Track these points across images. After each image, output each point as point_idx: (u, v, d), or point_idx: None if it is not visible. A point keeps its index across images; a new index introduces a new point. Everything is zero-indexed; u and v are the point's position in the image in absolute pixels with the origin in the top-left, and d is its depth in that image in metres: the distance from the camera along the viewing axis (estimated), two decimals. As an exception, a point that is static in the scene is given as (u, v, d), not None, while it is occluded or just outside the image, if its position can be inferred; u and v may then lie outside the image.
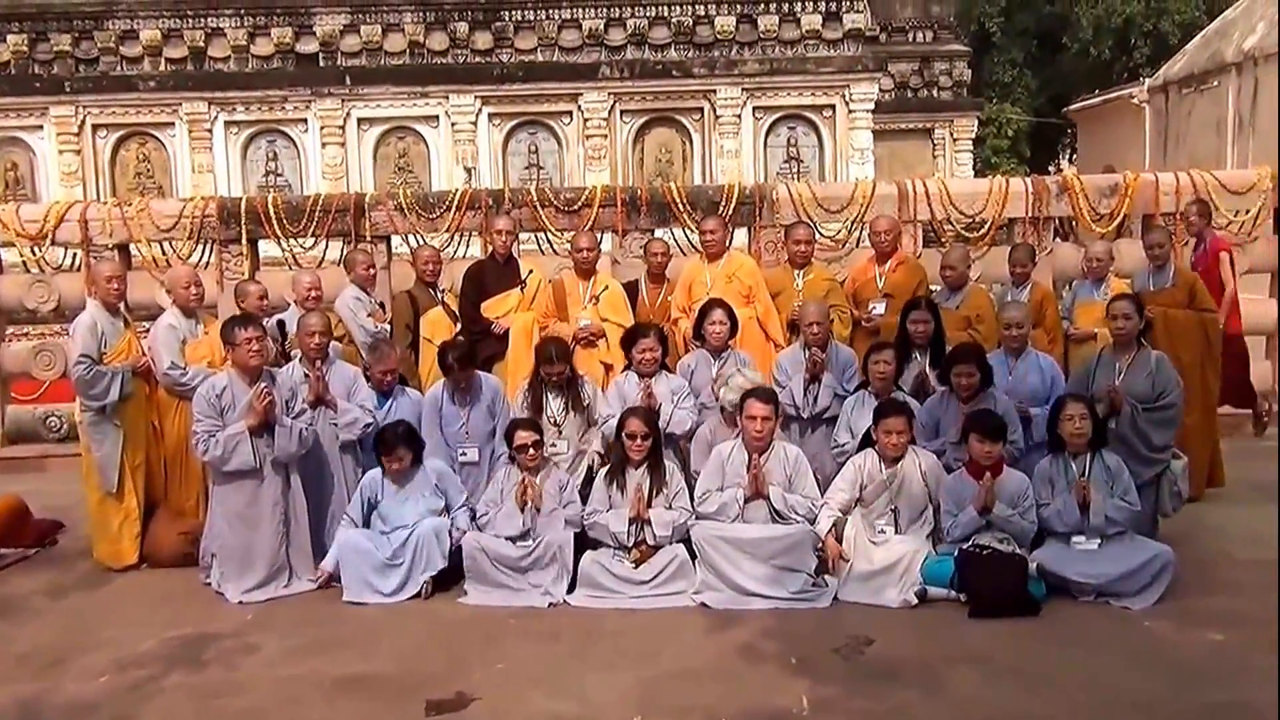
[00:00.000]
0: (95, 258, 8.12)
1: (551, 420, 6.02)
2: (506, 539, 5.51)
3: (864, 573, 5.29)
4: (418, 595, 5.41)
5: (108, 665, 4.71)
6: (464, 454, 6.08)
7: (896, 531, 5.45)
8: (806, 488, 5.56)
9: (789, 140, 13.50)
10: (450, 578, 5.51)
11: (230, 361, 5.70)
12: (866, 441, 5.70)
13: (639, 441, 5.54)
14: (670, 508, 5.54)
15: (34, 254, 8.81)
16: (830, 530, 5.40)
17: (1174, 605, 5.05)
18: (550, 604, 5.31)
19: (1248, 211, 8.62)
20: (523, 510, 5.53)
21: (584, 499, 5.72)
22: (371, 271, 7.30)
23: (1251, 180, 8.71)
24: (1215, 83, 18.64)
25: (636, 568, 5.39)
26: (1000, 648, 4.66)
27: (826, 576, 5.36)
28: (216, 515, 5.71)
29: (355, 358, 6.92)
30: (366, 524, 5.66)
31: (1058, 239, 8.95)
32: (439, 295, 7.32)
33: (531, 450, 5.59)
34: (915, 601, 5.16)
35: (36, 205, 10.19)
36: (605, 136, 13.25)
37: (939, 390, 6.09)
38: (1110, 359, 6.02)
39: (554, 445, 5.94)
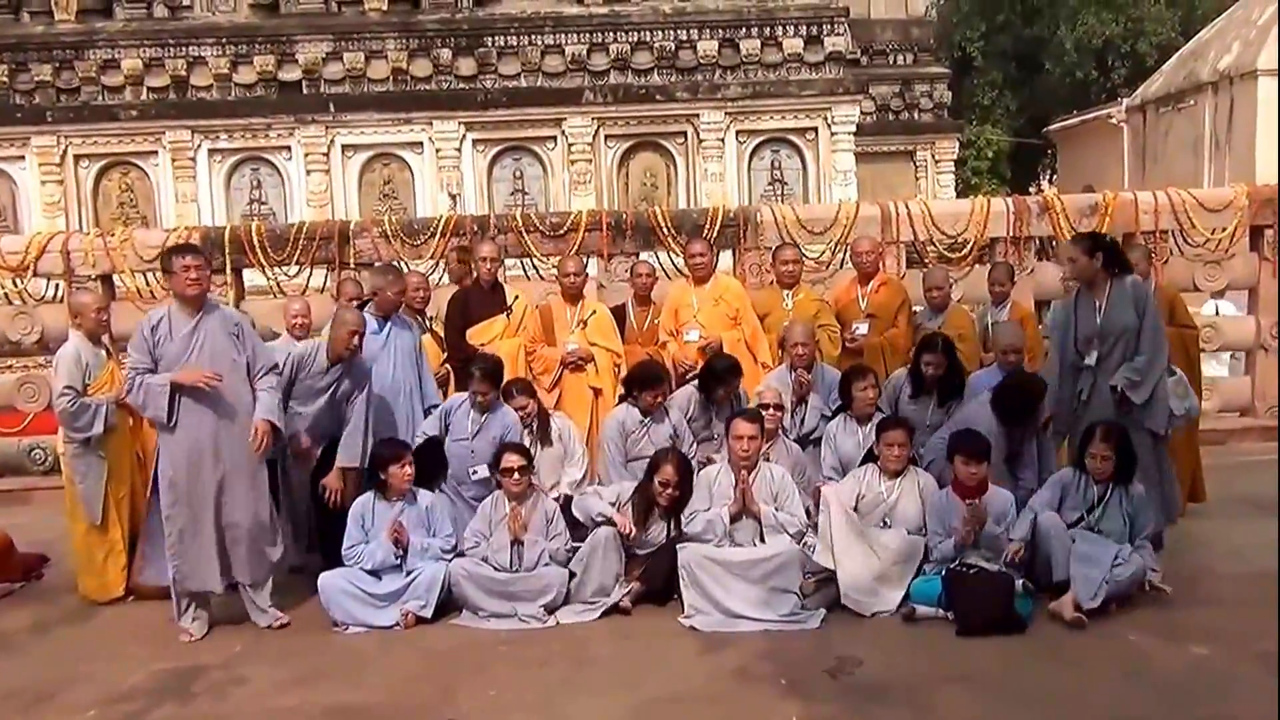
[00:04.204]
0: (77, 288, 8.08)
1: None
2: (494, 567, 5.49)
3: (857, 576, 5.30)
4: (396, 624, 5.37)
5: (95, 700, 4.67)
6: (474, 472, 6.05)
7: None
8: (793, 507, 5.58)
9: (772, 163, 13.59)
10: (439, 609, 5.49)
11: (170, 294, 5.45)
12: (869, 456, 5.76)
13: (670, 490, 5.51)
14: None
15: (16, 285, 8.78)
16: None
17: (1159, 620, 5.07)
18: (541, 625, 5.33)
19: (1224, 229, 8.72)
20: (511, 546, 5.51)
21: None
22: (354, 302, 7.27)
23: (1228, 198, 8.82)
24: (1191, 102, 18.87)
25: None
26: (988, 666, 4.68)
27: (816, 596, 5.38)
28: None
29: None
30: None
31: (1039, 258, 9.03)
32: (427, 323, 7.32)
33: (518, 475, 5.57)
34: (904, 607, 5.21)
35: (18, 236, 10.16)
36: (590, 161, 13.31)
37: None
38: (1088, 298, 5.79)
39: None
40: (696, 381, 6.47)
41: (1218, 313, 9.32)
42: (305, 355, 5.87)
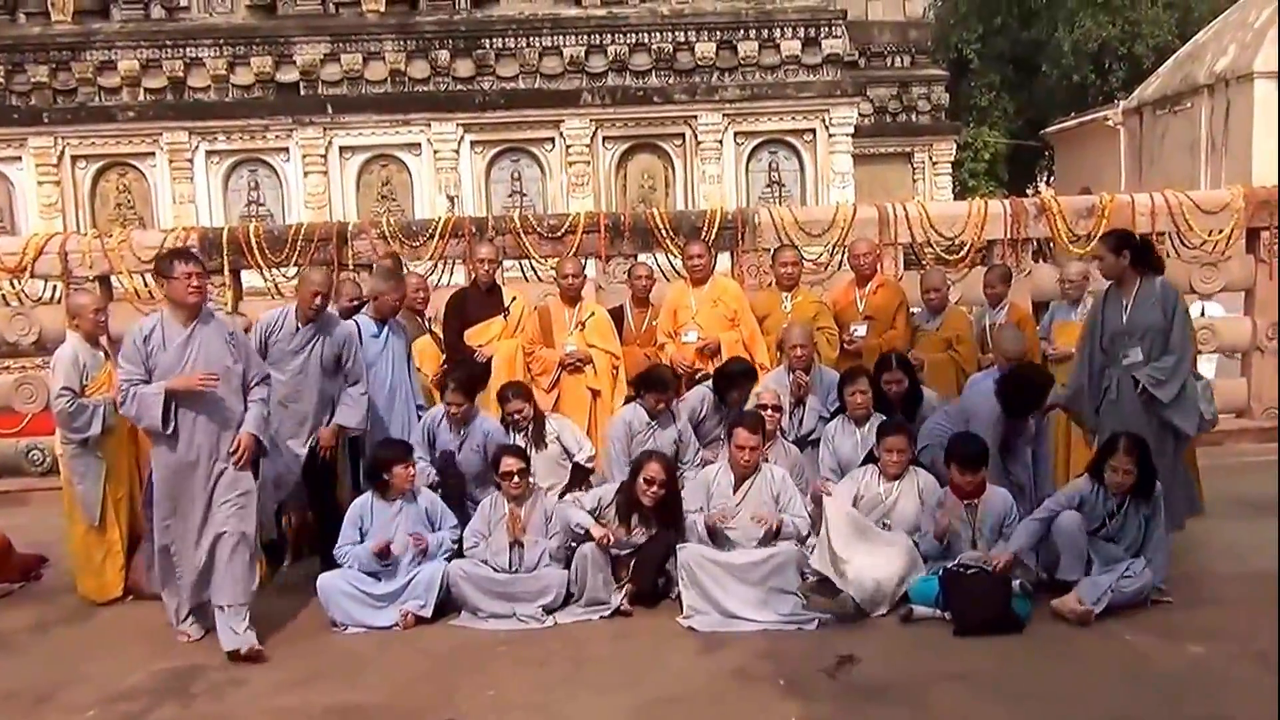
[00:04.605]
0: (75, 289, 8.07)
1: None
2: (493, 568, 5.50)
3: (860, 579, 5.30)
4: (395, 625, 5.38)
5: (94, 700, 4.67)
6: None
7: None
8: (796, 508, 5.58)
9: (770, 165, 13.61)
10: (438, 609, 5.49)
11: (166, 300, 5.22)
12: (869, 458, 5.78)
13: (655, 489, 5.49)
14: None
15: (13, 287, 8.77)
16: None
17: (1156, 619, 5.09)
18: (540, 625, 5.34)
19: (1221, 231, 8.74)
20: (510, 547, 5.53)
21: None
22: (355, 303, 7.27)
23: (1224, 200, 8.84)
24: (1188, 104, 18.90)
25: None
26: (986, 665, 4.69)
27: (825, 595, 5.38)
28: None
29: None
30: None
31: (1037, 260, 9.05)
32: (426, 324, 7.33)
33: (516, 478, 5.59)
34: (902, 608, 5.23)
35: (15, 238, 10.15)
36: (588, 163, 13.32)
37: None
38: (1116, 296, 5.79)
39: None
40: (710, 383, 6.48)
41: (1204, 314, 9.33)
42: (272, 321, 5.90)
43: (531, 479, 5.78)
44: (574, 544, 5.59)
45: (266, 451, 5.35)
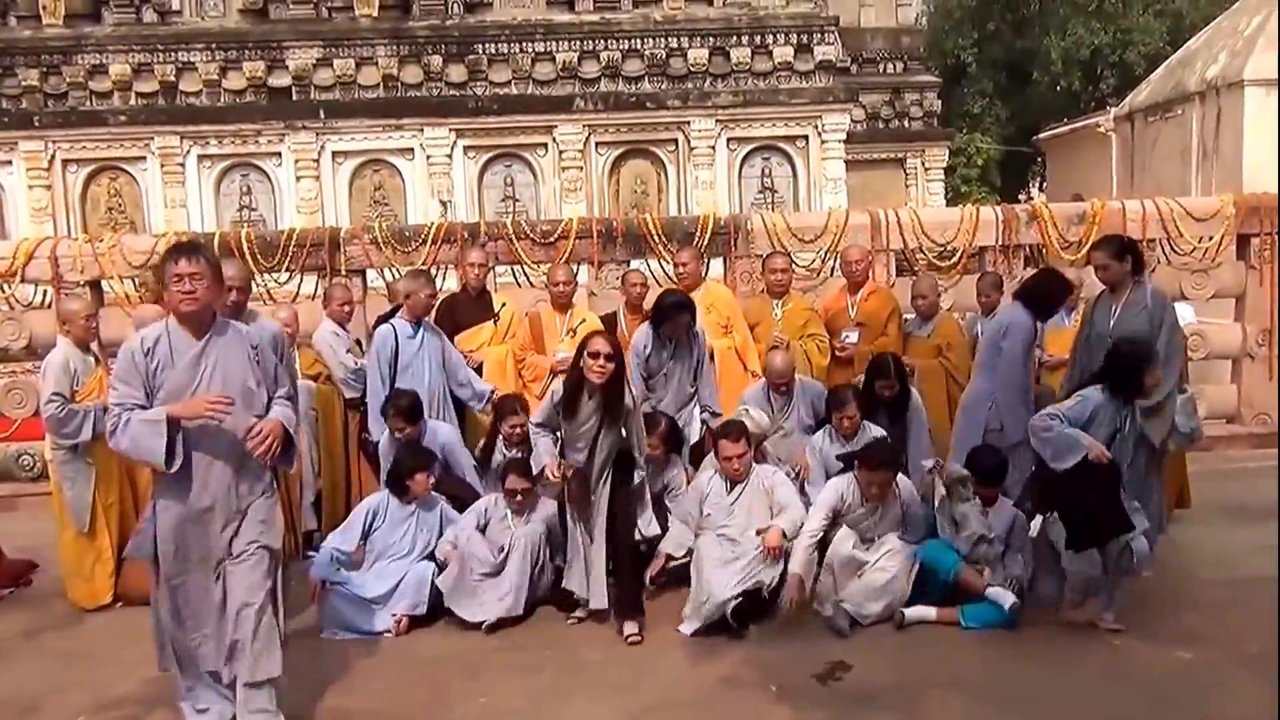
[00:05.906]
0: (66, 295, 8.04)
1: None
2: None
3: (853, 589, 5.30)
4: (388, 630, 5.39)
5: (85, 706, 4.66)
6: None
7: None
8: (789, 496, 5.58)
9: (763, 171, 13.63)
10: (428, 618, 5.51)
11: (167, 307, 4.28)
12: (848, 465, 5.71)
13: (602, 361, 5.20)
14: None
15: (3, 291, 8.75)
16: (799, 570, 5.25)
17: (1144, 624, 5.10)
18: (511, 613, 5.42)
19: (1211, 238, 8.77)
20: (499, 551, 5.57)
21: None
22: (347, 309, 7.26)
23: (1215, 207, 8.87)
24: (1179, 111, 18.95)
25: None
26: (977, 670, 4.71)
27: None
28: None
29: (333, 396, 6.92)
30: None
31: (1028, 267, 9.06)
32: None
33: (520, 496, 5.66)
34: (895, 616, 5.22)
35: (6, 242, 10.12)
36: (580, 168, 13.31)
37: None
38: (1107, 300, 5.84)
39: None
40: (651, 318, 6.49)
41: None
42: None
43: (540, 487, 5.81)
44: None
45: (293, 448, 4.31)
